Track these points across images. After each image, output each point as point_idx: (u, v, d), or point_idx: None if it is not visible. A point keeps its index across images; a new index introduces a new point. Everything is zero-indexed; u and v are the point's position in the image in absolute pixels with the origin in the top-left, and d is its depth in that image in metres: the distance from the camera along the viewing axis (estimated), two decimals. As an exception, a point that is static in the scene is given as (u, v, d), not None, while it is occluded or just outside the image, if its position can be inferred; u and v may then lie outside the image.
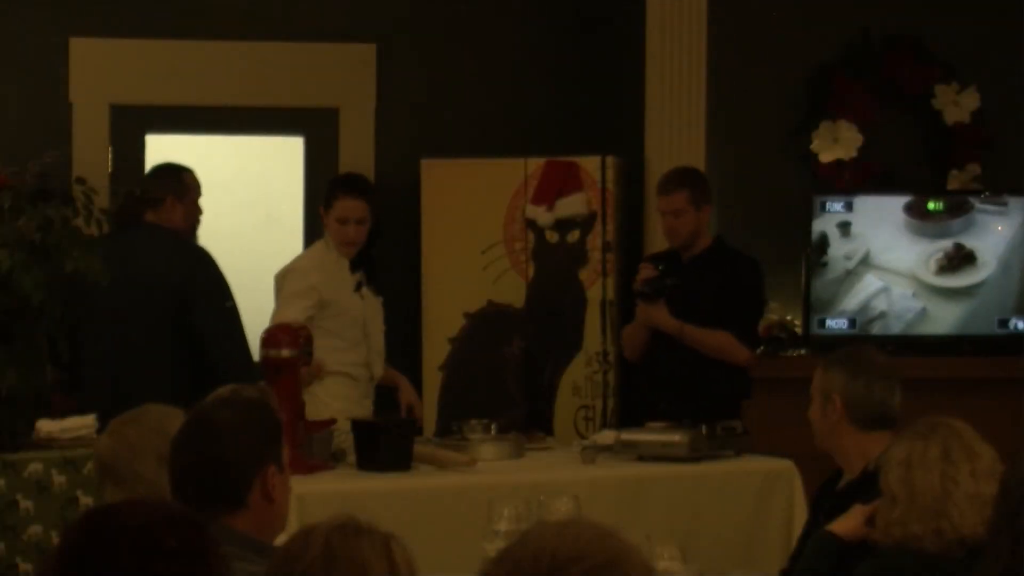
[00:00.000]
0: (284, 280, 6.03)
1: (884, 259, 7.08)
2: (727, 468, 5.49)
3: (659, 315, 6.04)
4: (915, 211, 7.10)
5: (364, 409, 5.91)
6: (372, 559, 2.42)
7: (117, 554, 2.25)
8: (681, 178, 6.18)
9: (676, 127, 7.05)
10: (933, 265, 7.09)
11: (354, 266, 6.06)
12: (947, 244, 7.09)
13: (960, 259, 7.07)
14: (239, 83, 7.33)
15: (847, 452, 4.40)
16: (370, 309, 6.08)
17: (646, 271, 6.09)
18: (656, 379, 6.15)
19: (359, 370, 6.03)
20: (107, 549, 2.25)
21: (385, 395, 6.19)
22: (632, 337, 6.27)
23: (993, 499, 3.17)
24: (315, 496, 4.79)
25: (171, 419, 3.79)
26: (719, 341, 5.99)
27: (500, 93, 7.55)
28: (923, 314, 7.07)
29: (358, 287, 6.05)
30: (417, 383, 7.06)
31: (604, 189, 7.00)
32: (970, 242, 7.09)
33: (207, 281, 6.20)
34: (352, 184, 6.12)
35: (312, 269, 6.01)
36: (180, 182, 6.60)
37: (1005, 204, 7.09)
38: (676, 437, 5.43)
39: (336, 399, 5.88)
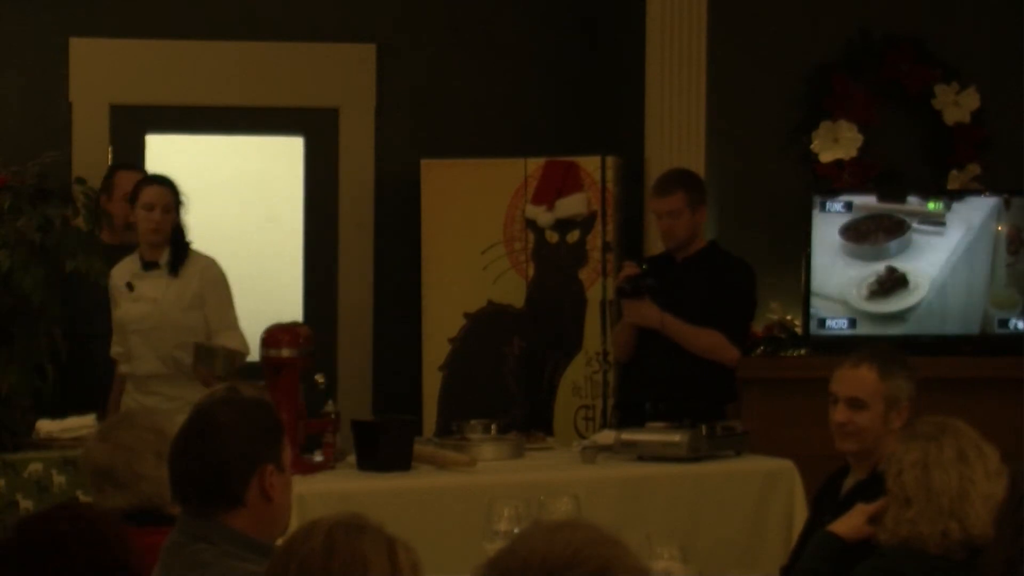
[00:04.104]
0: None
1: (819, 283, 6.99)
2: (727, 468, 5.48)
3: (642, 312, 6.02)
4: (851, 233, 7.01)
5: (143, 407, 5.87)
6: (373, 556, 2.42)
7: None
8: (678, 179, 6.16)
9: (676, 127, 7.05)
10: (864, 290, 7.03)
11: (147, 265, 6.05)
12: (880, 267, 7.02)
13: (892, 283, 7.01)
14: (239, 83, 7.33)
15: (883, 454, 4.34)
16: (136, 310, 6.04)
17: (628, 269, 6.09)
18: (642, 379, 6.15)
19: (124, 369, 6.08)
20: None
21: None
22: (618, 336, 6.27)
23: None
24: (315, 496, 4.79)
25: (160, 417, 3.81)
26: (707, 339, 5.96)
27: (500, 93, 7.55)
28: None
29: (129, 287, 6.04)
30: (417, 383, 7.07)
31: (604, 189, 7.00)
32: (904, 265, 7.02)
33: None
34: (155, 176, 6.18)
35: (114, 272, 6.09)
36: (107, 180, 6.61)
37: (943, 224, 7.03)
38: (676, 437, 5.42)
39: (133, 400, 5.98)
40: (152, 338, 6.00)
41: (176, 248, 6.05)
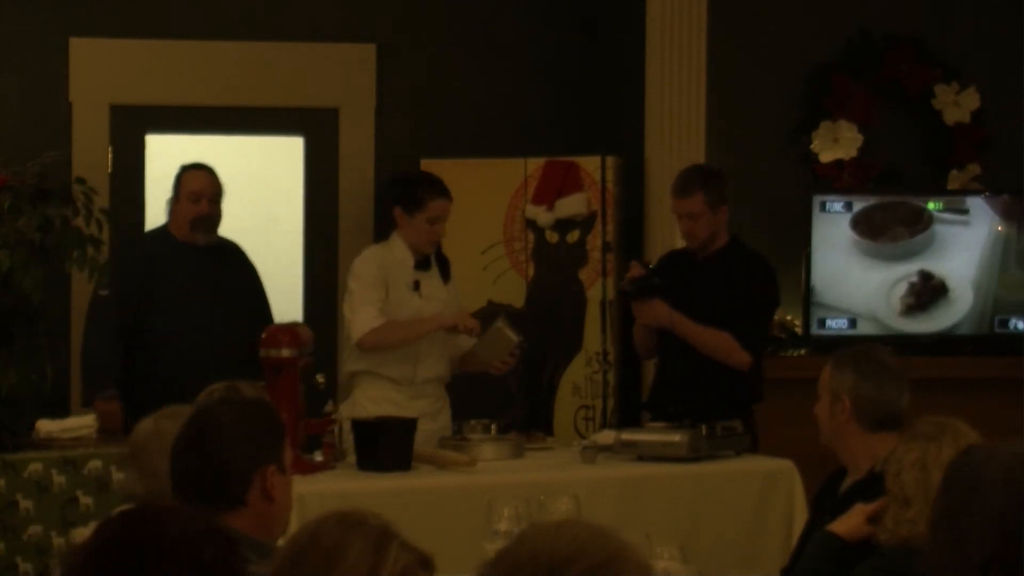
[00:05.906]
0: (357, 266, 5.88)
1: (829, 293, 6.87)
2: (727, 468, 5.48)
3: (651, 312, 5.95)
4: (863, 227, 6.77)
5: (411, 412, 5.61)
6: (354, 549, 2.38)
7: (153, 561, 2.24)
8: (697, 180, 5.99)
9: (676, 127, 7.05)
10: (898, 304, 6.85)
11: (420, 265, 5.91)
12: (910, 271, 6.88)
13: (930, 292, 6.79)
14: (239, 83, 7.33)
15: (854, 452, 4.38)
16: (429, 310, 5.87)
17: (634, 270, 6.00)
18: (663, 380, 6.10)
19: (401, 372, 5.82)
20: (143, 555, 2.24)
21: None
22: (636, 337, 6.20)
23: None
24: (315, 496, 4.79)
25: None
26: (717, 341, 5.84)
27: (500, 93, 7.55)
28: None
29: (416, 286, 5.89)
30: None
31: (604, 189, 7.00)
32: (937, 266, 6.84)
33: None
34: (442, 185, 5.96)
35: (379, 262, 5.86)
36: (177, 180, 6.62)
37: (966, 211, 6.89)
38: (676, 437, 5.42)
39: (373, 402, 5.71)
40: (439, 339, 5.86)
41: (439, 254, 5.98)
